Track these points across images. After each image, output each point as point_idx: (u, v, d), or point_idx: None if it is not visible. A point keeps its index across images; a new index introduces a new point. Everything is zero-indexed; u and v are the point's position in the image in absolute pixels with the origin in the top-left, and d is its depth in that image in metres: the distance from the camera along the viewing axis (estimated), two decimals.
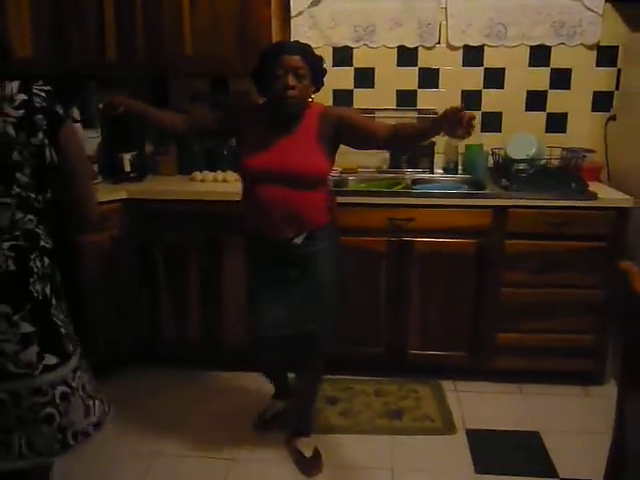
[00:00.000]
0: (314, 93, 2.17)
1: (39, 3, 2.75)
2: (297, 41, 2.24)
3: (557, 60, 3.07)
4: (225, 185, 2.95)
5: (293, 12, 3.07)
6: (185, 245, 2.89)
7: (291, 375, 2.61)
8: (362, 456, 2.43)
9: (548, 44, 3.05)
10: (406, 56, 3.14)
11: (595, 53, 3.05)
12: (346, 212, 2.64)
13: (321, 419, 2.62)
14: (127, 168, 3.04)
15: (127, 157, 3.04)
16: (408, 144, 2.32)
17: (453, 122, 1.86)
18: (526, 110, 3.16)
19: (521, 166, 2.88)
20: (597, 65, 3.06)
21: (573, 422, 2.63)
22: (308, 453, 2.37)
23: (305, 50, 2.09)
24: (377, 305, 2.86)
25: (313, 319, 2.19)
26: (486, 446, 2.49)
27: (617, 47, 3.02)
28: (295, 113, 2.10)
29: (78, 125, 2.83)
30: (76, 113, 3.07)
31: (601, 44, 3.03)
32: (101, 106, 2.06)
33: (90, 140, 3.08)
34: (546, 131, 3.16)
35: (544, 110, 3.15)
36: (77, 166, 1.69)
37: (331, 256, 2.21)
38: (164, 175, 3.21)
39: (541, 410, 2.73)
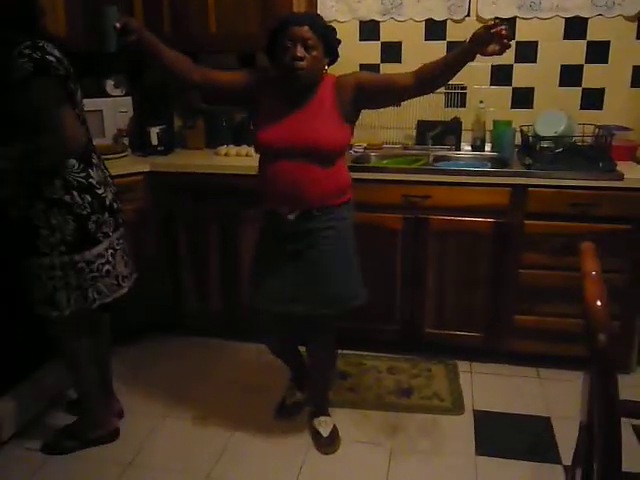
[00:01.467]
0: (329, 65, 2.11)
1: None
2: (307, 12, 2.18)
3: (594, 33, 2.92)
4: (247, 160, 2.98)
5: None
6: (206, 218, 2.96)
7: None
8: (364, 432, 2.45)
9: (584, 16, 2.89)
10: (434, 29, 3.06)
11: (635, 25, 2.87)
12: (362, 188, 2.61)
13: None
14: (154, 141, 3.13)
15: (155, 130, 3.13)
16: (439, 82, 2.09)
17: (485, 40, 1.78)
18: (560, 85, 3.02)
19: (546, 144, 2.77)
20: (638, 37, 2.89)
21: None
22: (325, 432, 2.38)
23: (314, 21, 2.03)
24: (393, 282, 2.85)
25: (309, 299, 2.15)
26: (492, 428, 2.46)
27: None
28: (306, 84, 2.05)
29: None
30: (110, 85, 3.22)
31: None
32: (118, 25, 1.91)
33: (121, 114, 3.20)
34: (581, 108, 3.02)
35: (579, 85, 3.01)
36: None
37: (337, 236, 2.14)
38: (192, 149, 3.29)
39: (557, 396, 2.65)
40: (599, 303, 1.09)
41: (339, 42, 2.10)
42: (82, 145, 2.02)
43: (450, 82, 3.02)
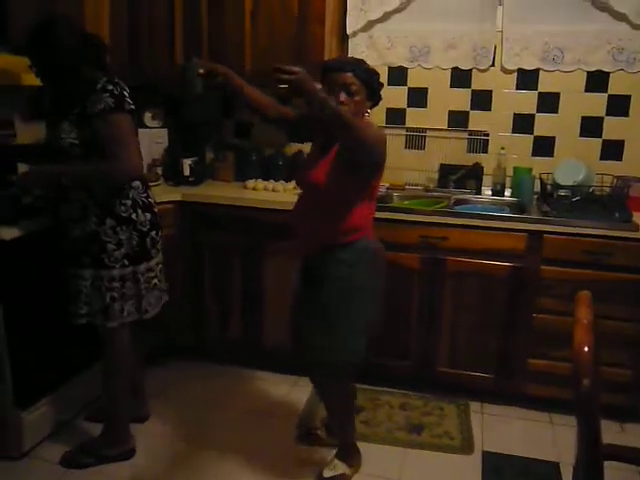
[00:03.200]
0: (371, 108, 2.16)
1: (118, 22, 3.02)
2: (352, 58, 2.22)
3: (615, 86, 3.01)
4: (273, 194, 3.10)
5: (349, 31, 3.19)
6: (230, 248, 3.07)
7: None
8: (372, 464, 2.48)
9: (606, 70, 2.99)
10: (459, 77, 3.19)
11: None
12: (383, 227, 2.70)
13: None
14: (186, 172, 3.28)
15: (187, 162, 3.28)
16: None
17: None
18: (580, 136, 3.11)
19: (564, 192, 2.84)
20: None
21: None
22: (327, 473, 2.36)
23: (358, 66, 2.08)
24: (408, 320, 2.91)
25: (307, 342, 2.20)
26: (499, 470, 2.48)
27: None
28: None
29: None
30: (147, 117, 3.39)
31: None
32: (202, 71, 2.15)
33: (157, 145, 3.36)
34: (601, 158, 3.10)
35: (600, 137, 3.09)
36: None
37: (338, 283, 2.13)
38: (221, 181, 3.44)
39: (568, 442, 2.65)
40: (586, 349, 1.14)
41: (381, 86, 2.16)
42: (141, 173, 2.31)
43: (473, 128, 3.22)
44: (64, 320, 2.34)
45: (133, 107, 2.23)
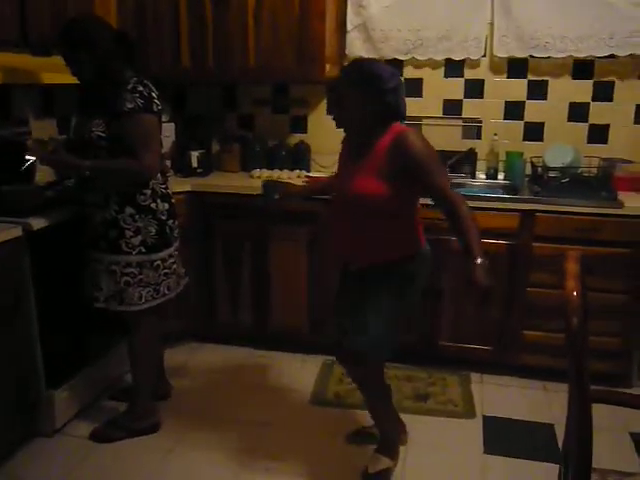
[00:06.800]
0: (393, 116, 2.06)
1: (125, 19, 3.16)
2: (341, 71, 2.17)
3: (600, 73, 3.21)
4: None
5: (349, 27, 3.35)
6: (239, 234, 3.24)
7: None
8: None
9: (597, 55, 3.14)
10: (452, 68, 3.36)
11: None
12: None
13: (354, 396, 2.86)
14: (194, 164, 3.44)
15: (195, 154, 3.44)
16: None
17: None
18: (568, 121, 3.30)
19: (553, 174, 3.03)
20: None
21: (593, 419, 2.74)
22: (371, 469, 2.38)
23: (340, 81, 2.07)
24: None
25: (350, 333, 2.23)
26: (500, 431, 2.68)
27: None
28: (359, 138, 2.10)
29: None
30: None
31: None
32: (277, 197, 2.45)
33: (165, 139, 3.49)
34: (588, 142, 3.29)
35: (586, 121, 3.28)
36: None
37: (382, 290, 2.17)
38: (228, 171, 3.60)
39: (562, 407, 2.82)
40: (575, 294, 1.31)
41: (385, 89, 1.99)
42: (156, 174, 2.43)
43: (467, 116, 3.39)
44: (84, 303, 2.50)
45: (161, 108, 2.38)
